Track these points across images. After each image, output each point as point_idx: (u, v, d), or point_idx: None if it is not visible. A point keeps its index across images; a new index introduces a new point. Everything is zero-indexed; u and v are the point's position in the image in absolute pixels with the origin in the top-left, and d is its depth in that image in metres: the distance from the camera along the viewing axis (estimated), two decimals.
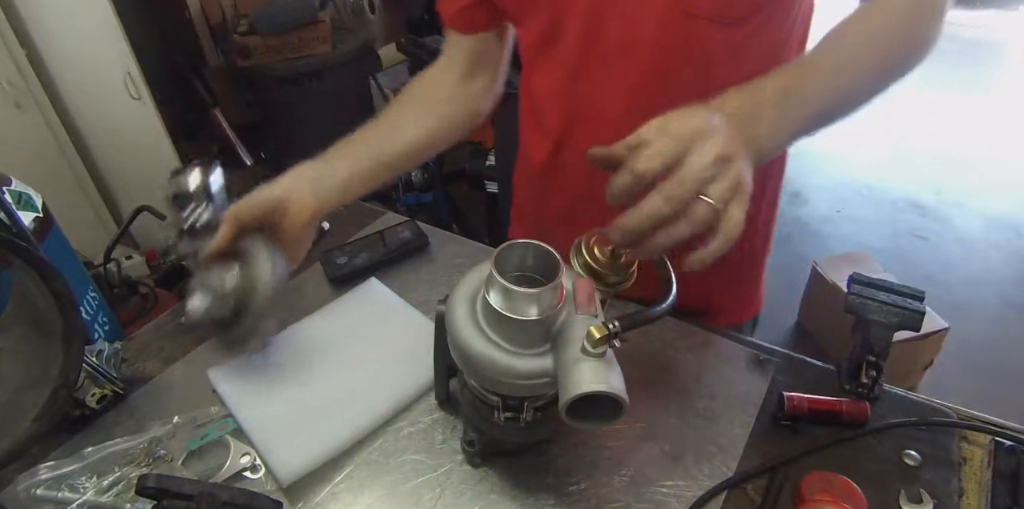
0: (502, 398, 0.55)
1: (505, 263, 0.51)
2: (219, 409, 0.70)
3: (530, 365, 0.50)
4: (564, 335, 0.48)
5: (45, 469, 0.63)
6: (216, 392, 0.71)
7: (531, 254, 0.52)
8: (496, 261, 0.48)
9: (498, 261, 0.48)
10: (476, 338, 0.51)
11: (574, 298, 0.49)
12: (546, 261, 0.50)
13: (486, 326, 0.51)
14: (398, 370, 0.72)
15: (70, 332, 0.59)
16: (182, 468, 0.65)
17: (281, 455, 0.64)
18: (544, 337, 0.50)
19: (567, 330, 0.48)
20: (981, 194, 2.88)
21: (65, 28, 1.84)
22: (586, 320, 0.47)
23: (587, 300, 0.48)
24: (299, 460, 0.63)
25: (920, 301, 0.68)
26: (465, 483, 0.63)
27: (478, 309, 0.52)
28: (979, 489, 0.61)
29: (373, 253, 0.89)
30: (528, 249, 0.51)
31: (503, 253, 0.49)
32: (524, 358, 0.50)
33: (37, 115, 1.83)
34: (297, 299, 0.85)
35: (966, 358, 2.08)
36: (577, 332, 0.47)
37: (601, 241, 0.53)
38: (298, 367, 0.73)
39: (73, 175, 1.97)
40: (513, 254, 0.51)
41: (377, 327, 0.79)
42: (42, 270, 0.56)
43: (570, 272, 0.53)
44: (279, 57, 2.25)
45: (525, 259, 0.52)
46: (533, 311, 0.47)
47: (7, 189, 0.65)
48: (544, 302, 0.48)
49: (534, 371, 0.50)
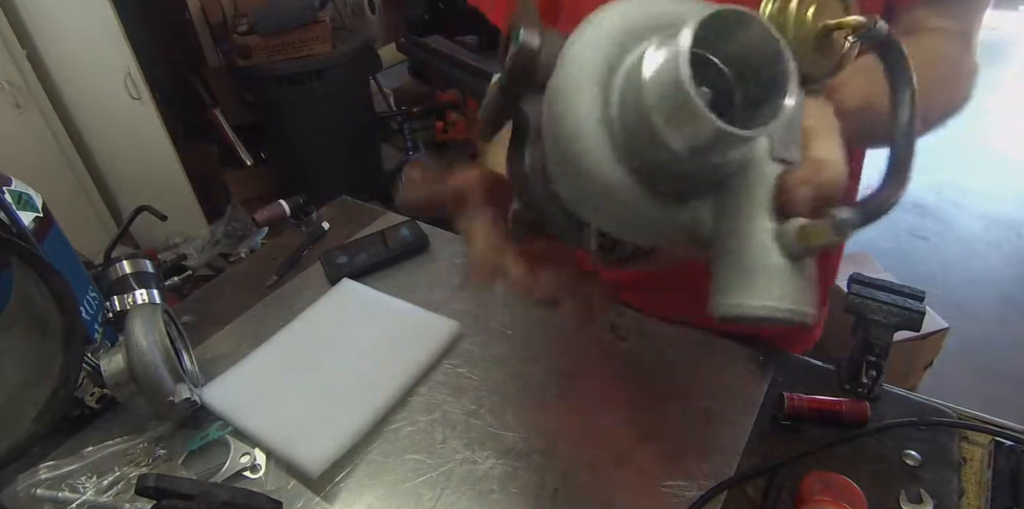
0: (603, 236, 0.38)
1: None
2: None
3: (683, 217, 0.32)
4: (746, 190, 0.32)
5: (45, 469, 0.63)
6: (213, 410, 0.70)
7: (738, 34, 0.29)
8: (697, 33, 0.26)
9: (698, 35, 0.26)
10: (612, 164, 0.30)
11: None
12: (762, 51, 0.29)
13: (633, 146, 0.29)
14: (395, 352, 0.74)
15: (70, 332, 0.59)
16: (182, 468, 0.65)
17: (305, 449, 0.64)
18: (714, 176, 0.32)
19: (754, 184, 0.32)
20: (981, 194, 2.88)
21: (65, 28, 1.84)
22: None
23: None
24: (324, 450, 0.64)
25: (920, 301, 0.68)
26: (465, 483, 0.63)
27: (619, 108, 0.29)
28: (979, 489, 0.61)
29: (373, 253, 0.89)
30: (743, 25, 0.28)
31: (709, 21, 0.26)
32: (679, 207, 0.32)
33: (37, 115, 1.83)
34: (297, 299, 0.85)
35: (966, 358, 2.07)
36: (765, 198, 0.31)
37: (820, 4, 0.34)
38: (290, 370, 0.74)
39: (73, 175, 1.97)
40: (714, 24, 0.27)
41: (363, 318, 0.80)
42: (42, 270, 0.56)
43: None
44: (279, 57, 2.25)
45: (722, 37, 0.29)
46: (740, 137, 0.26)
47: (7, 189, 0.65)
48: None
49: (684, 226, 0.33)
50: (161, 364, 0.64)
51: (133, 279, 0.72)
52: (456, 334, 0.77)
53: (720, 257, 0.33)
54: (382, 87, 2.71)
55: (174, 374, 0.65)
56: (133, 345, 0.64)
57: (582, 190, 0.32)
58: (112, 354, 0.65)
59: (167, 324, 0.69)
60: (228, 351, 0.78)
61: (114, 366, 0.64)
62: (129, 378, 0.64)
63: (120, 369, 0.64)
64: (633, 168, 0.30)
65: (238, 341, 0.80)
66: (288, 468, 0.64)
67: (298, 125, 2.38)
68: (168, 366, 0.64)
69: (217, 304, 0.86)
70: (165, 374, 0.64)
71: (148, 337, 0.64)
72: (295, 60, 2.27)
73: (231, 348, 0.78)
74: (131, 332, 0.64)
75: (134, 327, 0.65)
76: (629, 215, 0.32)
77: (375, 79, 2.64)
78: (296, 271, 0.91)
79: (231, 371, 0.73)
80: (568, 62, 0.30)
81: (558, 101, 0.30)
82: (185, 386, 0.65)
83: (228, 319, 0.83)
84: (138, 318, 0.66)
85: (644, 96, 0.27)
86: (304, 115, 2.35)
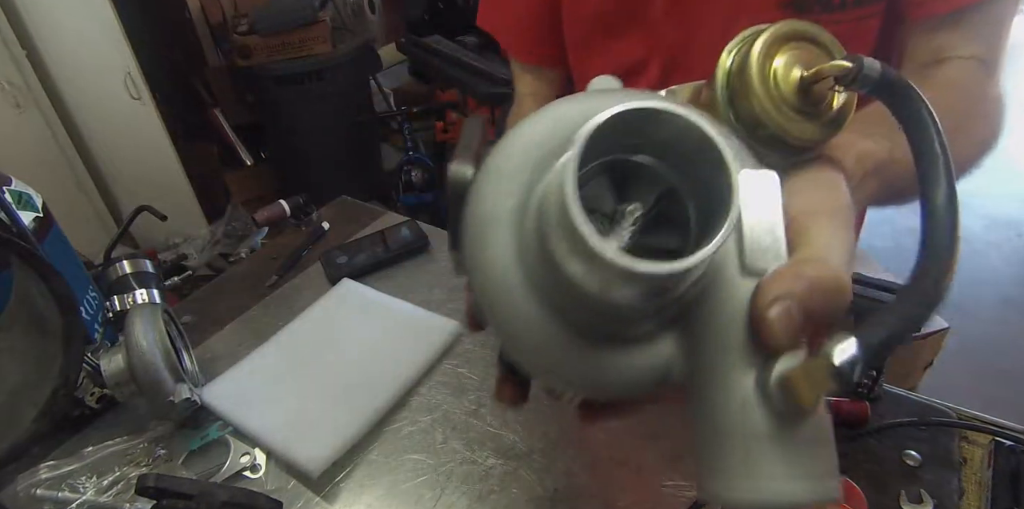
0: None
1: (594, 148, 0.21)
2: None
3: (642, 363, 0.25)
4: (712, 324, 0.24)
5: (45, 469, 0.63)
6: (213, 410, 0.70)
7: (656, 127, 0.22)
8: (584, 151, 0.20)
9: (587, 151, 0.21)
10: (533, 316, 0.24)
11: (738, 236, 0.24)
12: (692, 145, 0.22)
13: (548, 286, 0.24)
14: (395, 352, 0.74)
15: (70, 332, 0.59)
16: (182, 468, 0.65)
17: (305, 449, 0.64)
18: (665, 312, 0.25)
19: (720, 314, 0.24)
20: (981, 194, 2.88)
21: (65, 28, 1.84)
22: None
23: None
24: (324, 450, 0.64)
25: None
26: (465, 483, 0.63)
27: (531, 244, 0.24)
28: (979, 489, 0.61)
29: (373, 253, 0.89)
30: (654, 118, 0.22)
31: (605, 127, 0.21)
32: (632, 352, 0.25)
33: (37, 115, 1.83)
34: (297, 299, 0.85)
35: (966, 358, 2.07)
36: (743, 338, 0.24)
37: (796, 51, 0.28)
38: (289, 370, 0.74)
39: (73, 175, 1.97)
40: (620, 125, 0.21)
41: (363, 318, 0.80)
42: (42, 270, 0.56)
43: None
44: (279, 57, 2.25)
45: (640, 129, 0.22)
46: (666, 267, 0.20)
47: (7, 189, 0.65)
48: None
49: (642, 377, 0.26)
50: (161, 364, 0.64)
51: (133, 279, 0.72)
52: (456, 334, 0.77)
53: (697, 419, 0.25)
54: (382, 87, 2.71)
55: (174, 374, 0.65)
56: (133, 345, 0.64)
57: (510, 341, 0.26)
58: (112, 354, 0.65)
59: (167, 324, 0.69)
60: (228, 351, 0.78)
61: (114, 366, 0.64)
62: (129, 378, 0.64)
63: (120, 369, 0.64)
64: (559, 312, 0.24)
65: (238, 341, 0.80)
66: (288, 468, 0.64)
67: (298, 125, 2.38)
68: (168, 366, 0.64)
69: (217, 304, 0.86)
70: (165, 374, 0.64)
71: (148, 337, 0.64)
72: (295, 60, 2.27)
73: (231, 348, 0.78)
74: (131, 332, 0.64)
75: (134, 327, 0.65)
76: (571, 368, 0.25)
77: (375, 79, 2.64)
78: (296, 271, 0.91)
79: (231, 371, 0.73)
80: (475, 198, 0.26)
81: (468, 244, 0.25)
82: (185, 386, 0.65)
83: (228, 319, 0.83)
84: (138, 318, 0.66)
85: (545, 227, 0.22)
86: (304, 115, 2.35)
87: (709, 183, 0.22)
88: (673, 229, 0.24)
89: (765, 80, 0.27)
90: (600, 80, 0.29)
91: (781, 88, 0.27)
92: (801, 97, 0.28)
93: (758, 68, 0.27)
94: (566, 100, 0.27)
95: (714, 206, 0.21)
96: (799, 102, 0.28)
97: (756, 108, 0.27)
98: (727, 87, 0.29)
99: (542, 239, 0.23)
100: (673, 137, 0.22)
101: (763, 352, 0.23)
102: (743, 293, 0.24)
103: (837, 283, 0.24)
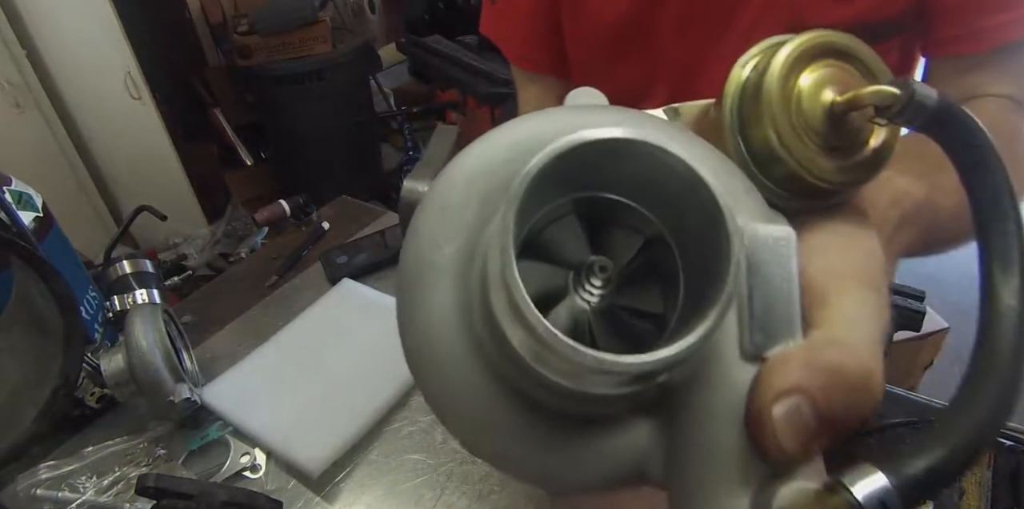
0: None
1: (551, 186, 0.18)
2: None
3: (605, 453, 0.20)
4: (697, 422, 0.19)
5: (45, 469, 0.63)
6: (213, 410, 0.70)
7: (630, 162, 0.18)
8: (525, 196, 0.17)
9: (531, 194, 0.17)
10: (479, 390, 0.20)
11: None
12: (681, 186, 0.18)
13: (504, 365, 0.19)
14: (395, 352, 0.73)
15: (70, 332, 0.59)
16: (182, 468, 0.65)
17: (305, 449, 0.64)
18: (641, 396, 0.20)
19: (709, 409, 0.19)
20: None
21: (65, 28, 1.84)
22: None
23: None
24: (324, 450, 0.64)
25: (920, 301, 0.68)
26: (465, 483, 0.63)
27: (479, 308, 0.19)
28: (979, 489, 0.61)
29: (373, 253, 0.89)
30: (625, 150, 0.18)
31: (556, 162, 0.17)
32: (591, 438, 0.20)
33: (37, 115, 1.83)
34: (297, 299, 0.85)
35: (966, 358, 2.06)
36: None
37: (828, 69, 0.22)
38: (289, 370, 0.74)
39: (73, 175, 1.97)
40: (583, 158, 0.18)
41: (363, 318, 0.80)
42: (42, 270, 0.56)
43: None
44: (279, 57, 2.25)
45: (612, 164, 0.19)
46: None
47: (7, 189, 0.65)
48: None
49: (608, 470, 0.20)
50: (161, 364, 0.64)
51: (133, 279, 0.72)
52: None
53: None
54: (382, 87, 2.71)
55: (174, 374, 0.65)
56: (133, 345, 0.64)
57: (447, 417, 0.21)
58: (112, 354, 0.65)
59: (167, 324, 0.69)
60: (228, 351, 0.78)
61: (114, 366, 0.64)
62: (129, 378, 0.64)
63: (120, 369, 0.64)
64: (509, 383, 0.19)
65: (238, 341, 0.80)
66: (288, 468, 0.64)
67: (298, 125, 2.38)
68: (168, 366, 0.64)
69: (217, 304, 0.86)
70: (165, 374, 0.64)
71: (148, 337, 0.64)
72: (295, 60, 2.27)
73: (231, 348, 0.78)
74: (131, 332, 0.64)
75: (134, 327, 0.65)
76: (525, 456, 0.20)
77: (375, 79, 2.64)
78: (296, 271, 0.91)
79: (231, 371, 0.73)
80: (411, 235, 0.21)
81: (400, 292, 0.21)
82: (185, 386, 0.65)
83: (228, 319, 0.83)
84: (138, 318, 0.66)
85: (487, 291, 0.18)
86: (304, 115, 2.35)
87: (701, 234, 0.18)
88: (656, 282, 0.20)
89: (787, 103, 0.21)
90: (579, 93, 0.24)
91: (806, 114, 0.21)
92: (830, 127, 0.21)
93: (779, 87, 0.21)
94: (530, 118, 0.22)
95: (707, 264, 0.17)
96: (827, 134, 0.21)
97: (772, 138, 0.21)
98: (738, 109, 0.22)
99: (486, 304, 0.18)
100: (655, 175, 0.18)
101: (763, 467, 0.18)
102: (742, 382, 0.18)
103: (865, 375, 0.18)
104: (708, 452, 0.19)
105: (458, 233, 0.20)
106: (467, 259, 0.20)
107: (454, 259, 0.20)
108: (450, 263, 0.20)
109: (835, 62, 0.22)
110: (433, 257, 0.20)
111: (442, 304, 0.20)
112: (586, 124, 0.17)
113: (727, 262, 0.16)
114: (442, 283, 0.20)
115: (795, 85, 0.21)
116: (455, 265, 0.20)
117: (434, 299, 0.20)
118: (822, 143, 0.21)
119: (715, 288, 0.16)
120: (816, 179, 0.21)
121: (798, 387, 0.17)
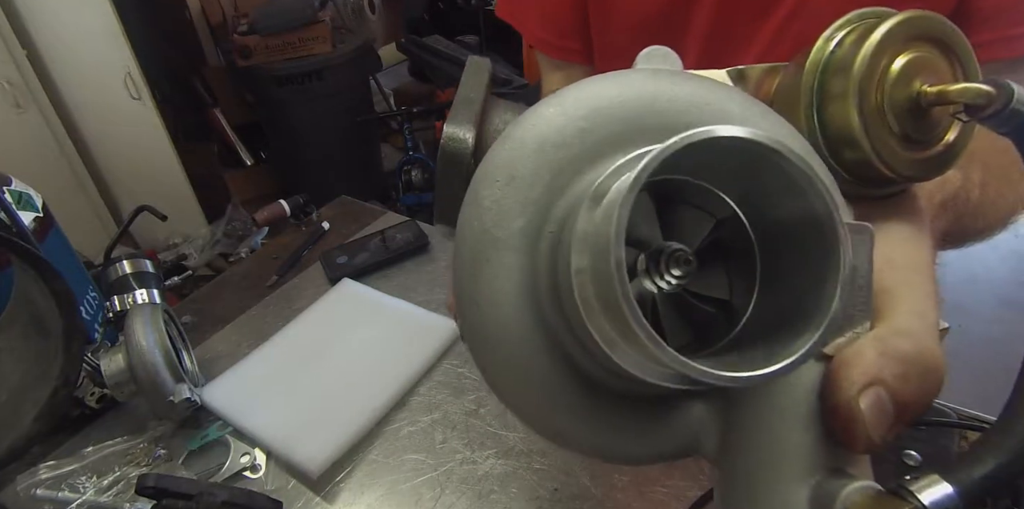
0: None
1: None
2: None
3: (661, 430, 0.21)
4: (758, 415, 0.20)
5: (45, 469, 0.63)
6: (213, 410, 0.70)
7: (749, 162, 0.17)
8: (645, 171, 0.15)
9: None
10: (544, 370, 0.20)
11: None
12: (794, 196, 0.17)
13: (573, 348, 0.19)
14: (395, 352, 0.74)
15: (70, 332, 0.59)
16: (182, 468, 0.65)
17: (305, 449, 0.64)
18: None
19: (774, 404, 0.19)
20: None
21: (65, 28, 1.84)
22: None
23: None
24: (324, 450, 0.64)
25: None
26: (465, 483, 0.63)
27: (550, 290, 0.19)
28: None
29: (373, 253, 0.89)
30: (755, 154, 0.16)
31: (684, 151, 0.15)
32: (648, 415, 0.21)
33: (37, 115, 1.83)
34: (297, 299, 0.85)
35: (966, 358, 2.07)
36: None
37: (921, 55, 0.20)
38: (290, 370, 0.74)
39: (73, 175, 1.97)
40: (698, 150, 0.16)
41: (363, 318, 0.80)
42: (42, 270, 0.56)
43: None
44: (279, 57, 2.25)
45: (723, 160, 0.17)
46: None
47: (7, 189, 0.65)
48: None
49: (663, 446, 0.21)
50: (161, 364, 0.64)
51: (133, 279, 0.72)
52: (456, 334, 0.77)
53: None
54: (382, 87, 2.71)
55: (174, 374, 0.65)
56: (133, 345, 0.64)
57: (509, 396, 0.21)
58: (112, 354, 0.65)
59: (167, 324, 0.69)
60: (228, 351, 0.78)
61: (114, 366, 0.64)
62: (129, 378, 0.64)
63: (120, 369, 0.64)
64: (571, 362, 0.19)
65: (238, 341, 0.80)
66: (288, 468, 0.64)
67: (298, 125, 2.38)
68: (168, 366, 0.64)
69: (217, 304, 0.86)
70: (165, 374, 0.64)
71: (148, 337, 0.64)
72: (295, 60, 2.26)
73: (231, 348, 0.78)
74: (131, 332, 0.64)
75: (134, 327, 0.65)
76: (582, 433, 0.20)
77: (375, 79, 2.64)
78: (296, 271, 0.91)
79: (231, 371, 0.73)
80: (472, 203, 0.20)
81: (460, 268, 0.20)
82: (185, 386, 0.65)
83: (228, 319, 0.83)
84: (138, 318, 0.66)
85: (569, 262, 0.17)
86: (304, 115, 2.35)
87: (793, 230, 0.17)
88: (721, 266, 0.19)
89: (876, 84, 0.19)
90: (652, 53, 0.22)
91: (892, 99, 0.20)
92: (911, 118, 0.20)
93: (869, 67, 0.19)
94: (605, 80, 0.20)
95: (794, 259, 0.16)
96: (908, 123, 0.20)
97: (854, 119, 0.20)
98: (819, 86, 0.21)
99: (561, 289, 0.17)
100: (760, 173, 0.16)
101: (827, 461, 0.18)
102: (809, 375, 0.18)
103: (934, 363, 0.19)
104: (767, 443, 0.19)
105: (526, 208, 0.19)
106: (534, 235, 0.19)
107: (522, 235, 0.19)
108: (518, 239, 0.19)
109: (928, 48, 0.20)
110: (499, 233, 0.19)
111: (508, 281, 0.19)
112: (668, 93, 0.17)
113: (833, 285, 0.16)
114: (508, 260, 0.19)
115: (889, 67, 0.20)
116: (522, 241, 0.19)
117: (500, 276, 0.19)
118: (899, 133, 0.20)
119: (817, 304, 0.16)
120: (887, 168, 0.20)
121: (878, 378, 0.18)
